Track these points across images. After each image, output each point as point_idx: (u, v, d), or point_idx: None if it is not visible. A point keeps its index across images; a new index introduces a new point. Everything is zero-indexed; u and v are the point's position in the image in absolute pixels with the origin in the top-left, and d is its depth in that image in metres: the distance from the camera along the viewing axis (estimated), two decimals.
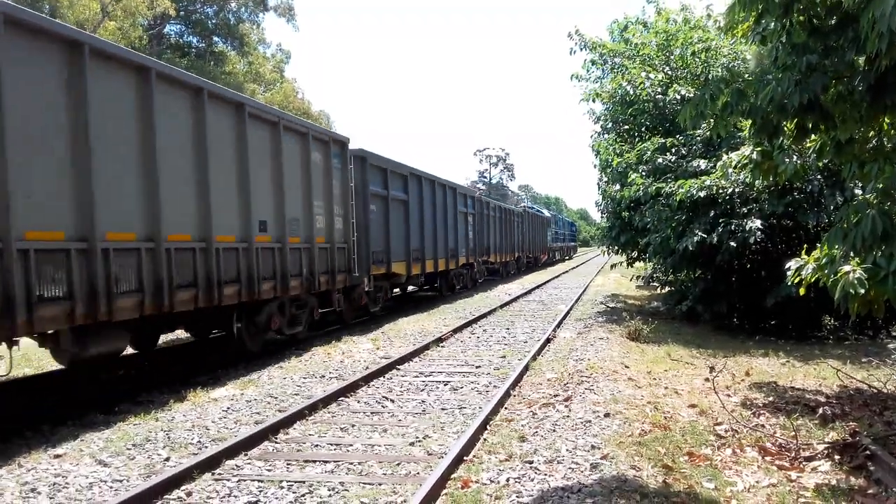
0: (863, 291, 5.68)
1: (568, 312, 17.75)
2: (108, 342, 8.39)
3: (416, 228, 19.34)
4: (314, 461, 6.04)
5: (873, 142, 6.48)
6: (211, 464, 5.81)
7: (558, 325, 14.94)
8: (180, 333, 13.09)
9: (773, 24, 5.88)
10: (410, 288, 21.06)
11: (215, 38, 43.30)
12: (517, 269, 37.41)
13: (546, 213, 54.87)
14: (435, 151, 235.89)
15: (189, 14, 41.66)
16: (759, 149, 7.25)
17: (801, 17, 5.60)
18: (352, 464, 5.95)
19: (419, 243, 19.63)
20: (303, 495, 5.25)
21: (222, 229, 10.06)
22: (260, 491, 5.33)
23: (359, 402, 8.24)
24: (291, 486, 5.44)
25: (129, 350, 10.52)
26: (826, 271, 6.25)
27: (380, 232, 16.66)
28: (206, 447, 6.39)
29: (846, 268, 5.81)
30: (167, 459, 6.09)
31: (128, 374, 10.19)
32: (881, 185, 5.90)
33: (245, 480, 5.55)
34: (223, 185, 10.13)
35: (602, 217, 23.29)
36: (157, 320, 9.39)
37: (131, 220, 8.36)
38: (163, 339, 12.42)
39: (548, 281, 31.71)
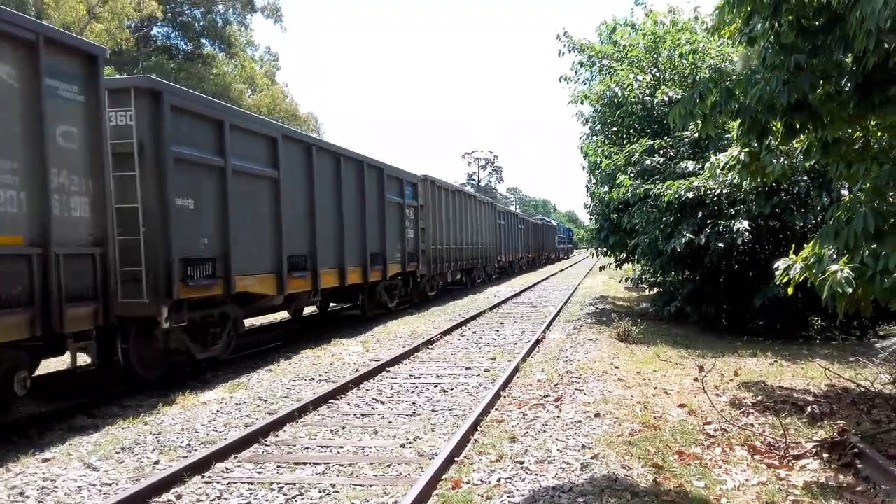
0: (850, 290, 5.72)
1: (557, 314, 17.78)
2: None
3: (509, 239, 38.23)
4: (305, 463, 6.01)
5: (860, 142, 6.54)
6: (201, 467, 5.77)
7: (548, 327, 14.96)
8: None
9: (761, 24, 5.92)
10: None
11: (203, 41, 43.07)
12: (539, 263, 54.23)
13: (554, 222, 73.32)
14: (423, 153, 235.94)
15: (176, 16, 41.45)
16: (746, 149, 7.29)
17: (790, 17, 5.64)
18: (342, 465, 5.93)
19: (509, 246, 38.44)
20: (293, 497, 5.23)
21: (470, 241, 26.92)
22: (250, 493, 5.30)
23: (349, 404, 8.22)
24: (282, 488, 5.41)
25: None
26: (814, 271, 6.28)
27: (499, 241, 34.92)
28: (196, 450, 6.35)
29: (834, 267, 5.85)
30: (156, 463, 6.05)
31: (116, 376, 10.11)
32: (868, 185, 5.95)
33: (235, 483, 5.52)
34: (481, 232, 29.45)
35: (591, 219, 23.38)
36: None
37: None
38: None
39: (537, 283, 31.82)
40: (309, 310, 15.73)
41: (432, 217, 21.43)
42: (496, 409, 7.79)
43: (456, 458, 5.98)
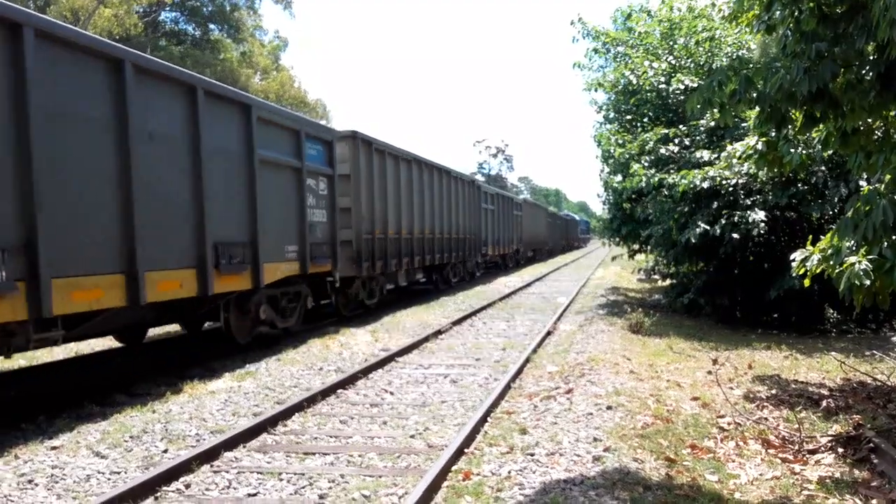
0: (868, 283, 5.62)
1: (568, 305, 17.69)
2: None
3: (553, 231, 54.05)
4: (314, 453, 5.98)
5: (878, 132, 6.41)
6: (210, 456, 5.75)
7: (559, 318, 14.88)
8: None
9: (781, 11, 5.80)
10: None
11: (211, 26, 42.85)
12: (568, 248, 69.51)
13: (576, 217, 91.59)
14: (434, 141, 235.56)
15: (185, 0, 41.24)
16: (764, 139, 7.17)
17: (811, 4, 5.52)
18: (352, 456, 5.90)
19: (553, 236, 54.85)
20: (302, 487, 5.20)
21: (540, 235, 46.92)
22: (259, 483, 5.28)
23: (358, 394, 8.19)
24: (291, 477, 5.38)
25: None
26: (831, 262, 6.18)
27: (550, 234, 52.68)
28: (205, 439, 6.34)
29: (852, 259, 5.75)
30: (165, 451, 6.03)
31: (122, 366, 10.13)
32: (888, 176, 5.83)
33: (244, 472, 5.50)
34: (544, 229, 49.42)
35: (603, 209, 23.24)
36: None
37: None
38: None
39: (548, 273, 31.70)
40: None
41: (529, 221, 40.04)
42: (507, 401, 7.73)
43: (466, 450, 5.93)
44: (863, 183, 10.83)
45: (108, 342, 11.41)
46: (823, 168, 12.52)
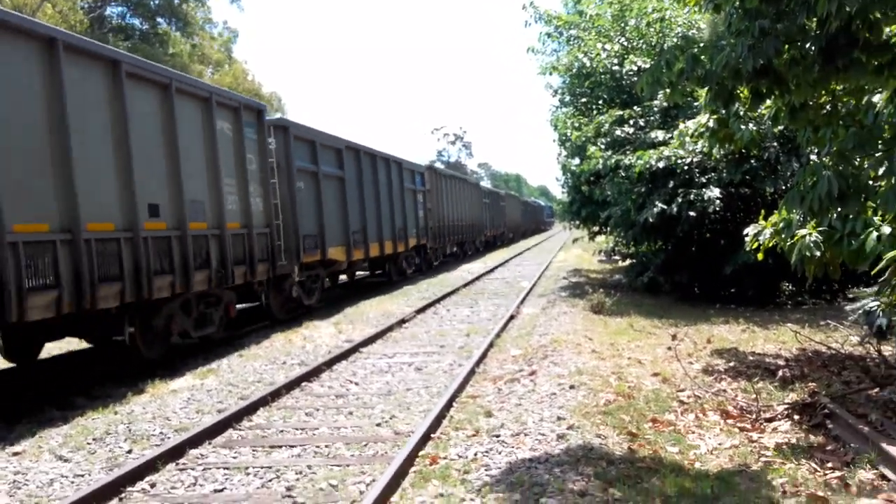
0: (819, 254, 5.76)
1: (531, 289, 17.83)
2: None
3: (524, 217, 63.77)
4: (280, 446, 5.97)
5: (827, 107, 6.54)
6: (174, 454, 5.71)
7: (522, 302, 14.99)
8: None
9: None
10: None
11: (158, 20, 41.84)
12: (537, 231, 76.10)
13: (542, 203, 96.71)
14: (392, 129, 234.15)
15: None
16: (714, 116, 7.27)
17: None
18: (318, 447, 5.90)
19: (526, 220, 64.62)
20: (269, 480, 5.19)
21: (514, 220, 55.61)
22: (226, 478, 5.26)
23: (322, 386, 8.17)
24: (258, 471, 5.37)
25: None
26: (783, 235, 6.31)
27: (522, 218, 61.34)
28: (169, 437, 6.29)
29: (802, 231, 5.88)
30: (129, 452, 5.98)
31: (83, 369, 9.98)
32: (836, 149, 5.96)
33: (210, 468, 5.47)
34: (517, 215, 58.37)
35: (563, 192, 23.40)
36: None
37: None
38: None
39: (510, 259, 31.85)
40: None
41: (509, 209, 47.58)
42: (471, 386, 7.79)
43: (432, 435, 5.98)
44: (813, 157, 11.06)
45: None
46: (775, 144, 12.75)
